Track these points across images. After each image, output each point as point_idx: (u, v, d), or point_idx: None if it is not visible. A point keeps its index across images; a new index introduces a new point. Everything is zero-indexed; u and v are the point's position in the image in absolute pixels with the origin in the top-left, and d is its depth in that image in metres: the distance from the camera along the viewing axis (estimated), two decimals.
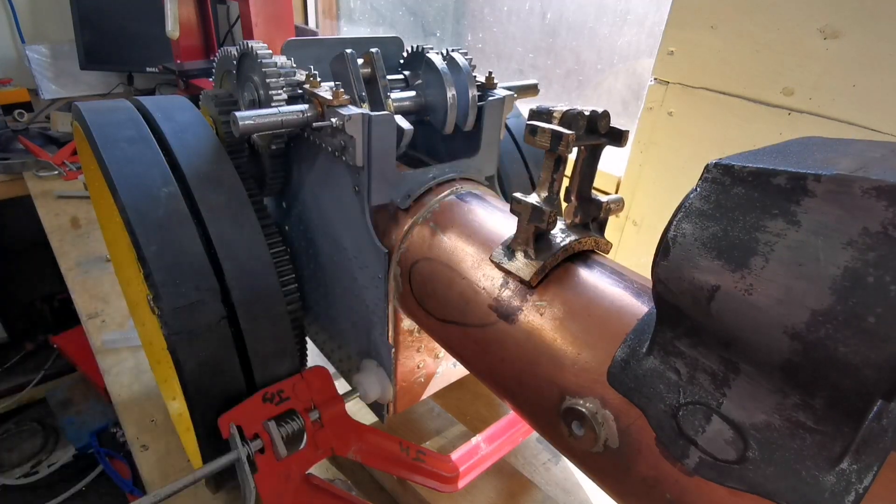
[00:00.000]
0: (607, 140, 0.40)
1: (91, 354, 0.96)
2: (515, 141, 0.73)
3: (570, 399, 0.35)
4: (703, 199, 0.26)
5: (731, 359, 0.27)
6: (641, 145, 0.88)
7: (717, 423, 0.27)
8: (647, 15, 0.95)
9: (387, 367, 0.57)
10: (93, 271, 1.13)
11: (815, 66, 0.66)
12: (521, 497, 0.63)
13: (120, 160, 0.47)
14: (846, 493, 0.24)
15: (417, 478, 0.57)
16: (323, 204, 0.58)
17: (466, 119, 0.55)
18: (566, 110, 0.37)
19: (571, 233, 0.41)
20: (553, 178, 0.38)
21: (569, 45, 1.11)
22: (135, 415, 0.82)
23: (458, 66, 0.54)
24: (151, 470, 0.74)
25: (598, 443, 0.33)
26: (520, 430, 0.65)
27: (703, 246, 0.26)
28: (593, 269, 0.39)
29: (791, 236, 0.23)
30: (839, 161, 0.24)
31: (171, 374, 0.78)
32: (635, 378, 0.31)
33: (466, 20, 1.35)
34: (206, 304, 0.46)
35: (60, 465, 1.78)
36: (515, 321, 0.39)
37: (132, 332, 0.94)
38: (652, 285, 0.28)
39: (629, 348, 0.33)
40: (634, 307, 0.35)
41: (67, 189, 1.40)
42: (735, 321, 0.25)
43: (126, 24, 1.79)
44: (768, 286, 0.23)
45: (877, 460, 0.24)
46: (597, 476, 0.36)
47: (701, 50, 0.76)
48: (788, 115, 0.70)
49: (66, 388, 1.91)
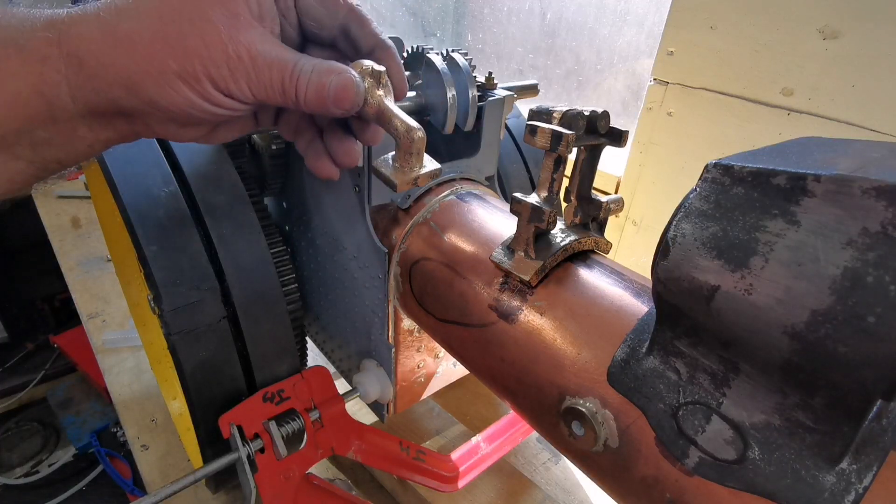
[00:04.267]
0: (607, 140, 0.40)
1: (91, 354, 0.96)
2: (515, 141, 0.73)
3: (570, 399, 0.35)
4: (702, 199, 0.26)
5: (731, 359, 0.27)
6: (641, 145, 0.88)
7: (717, 422, 0.27)
8: (647, 15, 0.95)
9: (387, 367, 0.57)
10: (93, 271, 1.13)
11: (814, 67, 0.66)
12: (521, 497, 0.63)
13: (120, 160, 0.47)
14: (846, 493, 0.24)
15: (417, 477, 0.57)
16: (323, 204, 0.58)
17: (466, 119, 0.55)
18: (566, 110, 0.38)
19: (571, 233, 0.41)
20: (553, 178, 0.38)
21: (568, 46, 1.11)
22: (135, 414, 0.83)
23: (458, 67, 0.54)
24: (151, 470, 0.74)
25: (598, 443, 0.33)
26: (520, 430, 0.65)
27: (703, 246, 0.26)
28: (593, 269, 0.39)
29: (791, 236, 0.23)
30: (839, 161, 0.24)
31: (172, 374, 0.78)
32: (635, 378, 0.31)
33: (466, 20, 1.35)
34: (206, 304, 0.46)
35: (61, 464, 1.79)
36: (515, 321, 0.39)
37: (132, 332, 0.94)
38: (652, 285, 0.28)
39: (629, 348, 0.33)
40: (634, 307, 0.35)
41: (68, 189, 1.40)
42: (735, 321, 0.25)
43: None
44: (768, 286, 0.23)
45: (877, 460, 0.24)
46: (597, 476, 0.36)
47: (700, 50, 0.76)
48: (788, 116, 0.70)
49: (66, 388, 1.91)
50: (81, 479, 1.74)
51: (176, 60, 0.30)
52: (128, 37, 0.29)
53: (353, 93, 0.34)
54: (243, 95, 0.32)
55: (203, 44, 0.30)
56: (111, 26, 0.30)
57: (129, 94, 0.30)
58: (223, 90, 0.31)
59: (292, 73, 0.32)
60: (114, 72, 0.30)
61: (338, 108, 0.34)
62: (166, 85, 0.30)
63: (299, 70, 0.32)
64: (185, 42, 0.30)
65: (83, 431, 1.76)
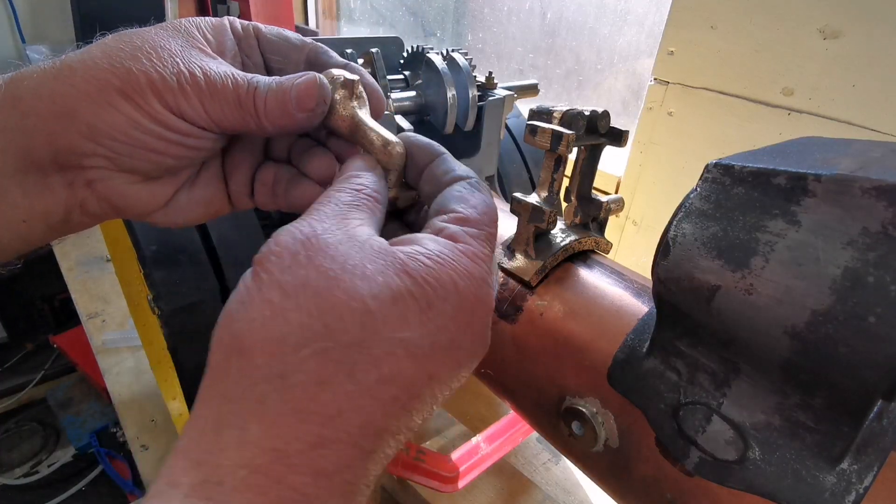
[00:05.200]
0: (607, 140, 0.40)
1: (91, 354, 0.96)
2: (515, 141, 0.73)
3: (570, 399, 0.35)
4: (703, 199, 0.26)
5: (731, 359, 0.27)
6: (641, 145, 0.88)
7: (717, 423, 0.27)
8: (647, 15, 0.95)
9: None
10: (93, 271, 1.13)
11: (814, 67, 0.66)
12: (521, 497, 0.63)
13: None
14: (846, 493, 0.24)
15: (417, 477, 0.57)
16: None
17: (466, 119, 0.55)
18: (566, 110, 0.37)
19: (571, 233, 0.41)
20: (553, 178, 0.38)
21: (568, 45, 1.11)
22: (135, 414, 0.83)
23: (458, 67, 0.54)
24: (151, 470, 0.74)
25: (598, 443, 0.33)
26: (520, 430, 0.65)
27: (704, 246, 0.26)
28: (593, 269, 0.39)
29: (791, 236, 0.23)
30: (839, 161, 0.24)
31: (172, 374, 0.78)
32: (635, 378, 0.31)
33: (466, 20, 1.35)
34: (206, 304, 0.46)
35: (60, 464, 1.78)
36: (515, 321, 0.39)
37: (132, 332, 0.94)
38: (652, 285, 0.28)
39: (629, 348, 0.33)
40: (634, 307, 0.35)
41: None
42: (735, 321, 0.25)
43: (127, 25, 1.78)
44: (768, 286, 0.23)
45: (877, 460, 0.24)
46: (597, 476, 0.36)
47: (701, 50, 0.76)
48: (788, 115, 0.70)
49: (66, 388, 1.91)
50: (81, 479, 1.74)
51: (118, 78, 0.26)
52: (68, 67, 0.27)
53: (318, 89, 0.29)
54: (196, 115, 0.28)
55: (151, 63, 0.27)
56: (55, 64, 0.27)
57: (65, 125, 0.26)
58: (172, 108, 0.27)
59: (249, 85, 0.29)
60: (50, 101, 0.26)
61: (302, 112, 0.29)
62: (106, 103, 0.26)
63: (256, 82, 0.29)
64: (130, 63, 0.27)
65: (83, 431, 1.76)
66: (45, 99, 0.26)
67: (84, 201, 0.29)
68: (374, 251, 0.22)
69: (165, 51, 0.28)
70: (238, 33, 0.33)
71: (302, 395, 0.19)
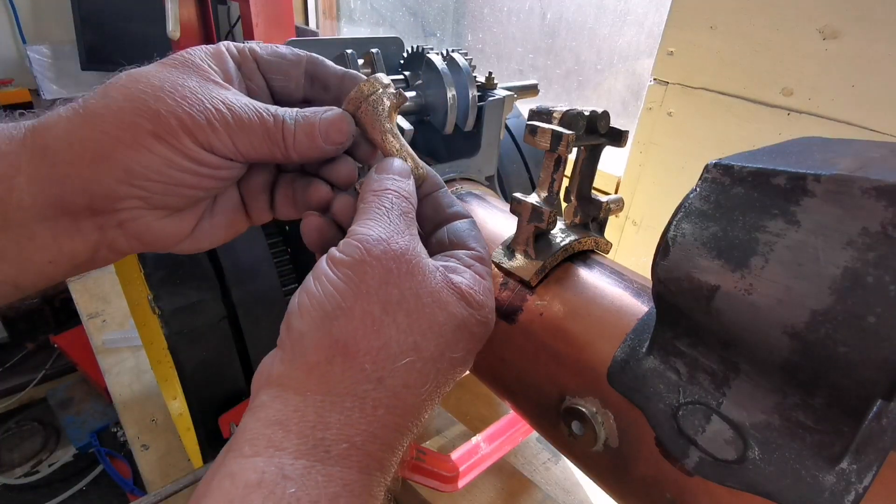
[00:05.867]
0: (607, 140, 0.40)
1: (92, 354, 0.96)
2: (515, 141, 0.73)
3: (570, 399, 0.35)
4: (702, 199, 0.26)
5: (731, 358, 0.27)
6: (641, 145, 0.88)
7: (717, 422, 0.27)
8: (647, 15, 0.95)
9: None
10: (93, 271, 1.13)
11: (814, 67, 0.66)
12: (521, 497, 0.64)
13: None
14: (846, 493, 0.24)
15: (417, 477, 0.57)
16: None
17: (466, 119, 0.55)
18: (566, 110, 0.38)
19: (571, 233, 0.41)
20: (553, 178, 0.38)
21: (568, 46, 1.11)
22: (135, 414, 0.83)
23: (458, 67, 0.54)
24: (152, 469, 0.74)
25: (598, 442, 0.33)
26: (520, 430, 0.65)
27: (703, 246, 0.26)
28: (593, 269, 0.39)
29: (791, 236, 0.23)
30: (839, 161, 0.24)
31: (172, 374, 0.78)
32: (635, 378, 0.31)
33: (466, 20, 1.35)
34: (206, 304, 0.46)
35: (61, 464, 1.79)
36: (515, 321, 0.39)
37: (133, 332, 0.94)
38: (652, 285, 0.28)
39: (629, 348, 0.33)
40: (634, 307, 0.35)
41: None
42: (735, 321, 0.25)
43: (127, 25, 1.79)
44: (768, 286, 0.23)
45: (876, 460, 0.24)
46: (597, 476, 0.36)
47: (700, 50, 0.76)
48: (788, 116, 0.70)
49: (66, 388, 1.91)
50: (81, 479, 1.75)
51: (150, 121, 0.27)
52: (94, 113, 0.27)
53: (347, 124, 0.32)
54: (226, 148, 0.30)
55: (176, 103, 0.28)
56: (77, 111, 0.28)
57: (100, 170, 0.27)
58: (203, 144, 0.29)
59: (276, 119, 0.31)
60: (82, 148, 0.27)
61: (331, 145, 0.32)
62: (141, 146, 0.27)
63: (283, 115, 0.31)
64: (157, 105, 0.28)
65: (83, 431, 1.76)
66: (76, 146, 0.27)
67: (113, 241, 0.31)
68: (443, 282, 0.28)
69: (187, 89, 0.29)
70: (236, 58, 0.33)
71: (392, 393, 0.25)
